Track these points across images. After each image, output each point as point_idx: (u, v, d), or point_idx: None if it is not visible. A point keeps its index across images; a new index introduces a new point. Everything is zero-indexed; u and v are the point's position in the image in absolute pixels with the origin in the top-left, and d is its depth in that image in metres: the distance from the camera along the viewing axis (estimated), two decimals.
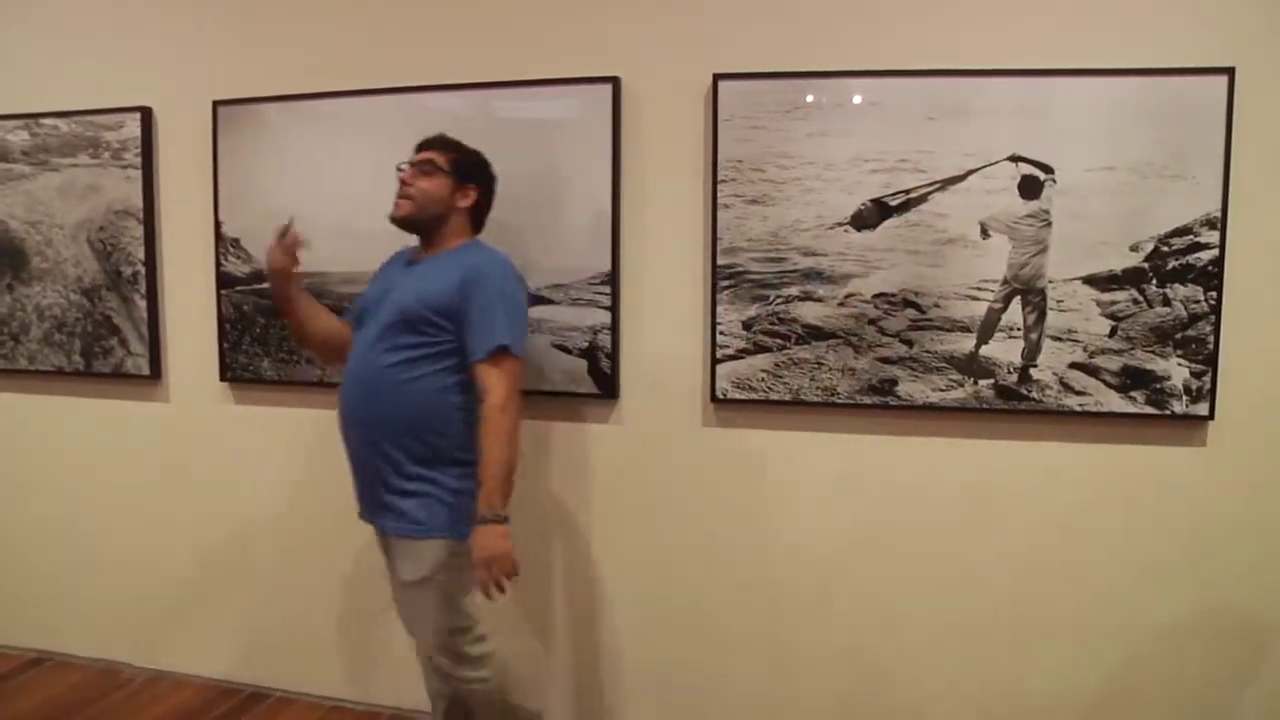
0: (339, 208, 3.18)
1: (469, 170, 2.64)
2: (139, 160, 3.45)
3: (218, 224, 3.36)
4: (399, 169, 2.62)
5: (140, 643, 3.66)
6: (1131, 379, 2.65)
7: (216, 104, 3.33)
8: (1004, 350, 2.71)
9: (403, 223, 2.59)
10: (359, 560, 3.35)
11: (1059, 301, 2.66)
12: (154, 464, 3.59)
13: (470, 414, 2.46)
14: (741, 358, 2.87)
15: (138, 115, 3.44)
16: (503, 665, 2.61)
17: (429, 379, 2.46)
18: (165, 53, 3.43)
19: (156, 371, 3.53)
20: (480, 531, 2.35)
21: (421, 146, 2.65)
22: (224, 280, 3.37)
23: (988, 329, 2.71)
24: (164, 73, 3.43)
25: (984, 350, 2.72)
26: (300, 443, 3.38)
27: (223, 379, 3.43)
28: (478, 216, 2.70)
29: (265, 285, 3.27)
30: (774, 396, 2.86)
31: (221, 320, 3.40)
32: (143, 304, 3.48)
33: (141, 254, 3.48)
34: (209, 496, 3.53)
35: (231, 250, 3.36)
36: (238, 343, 3.38)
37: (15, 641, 3.83)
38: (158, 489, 3.60)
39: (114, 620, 3.69)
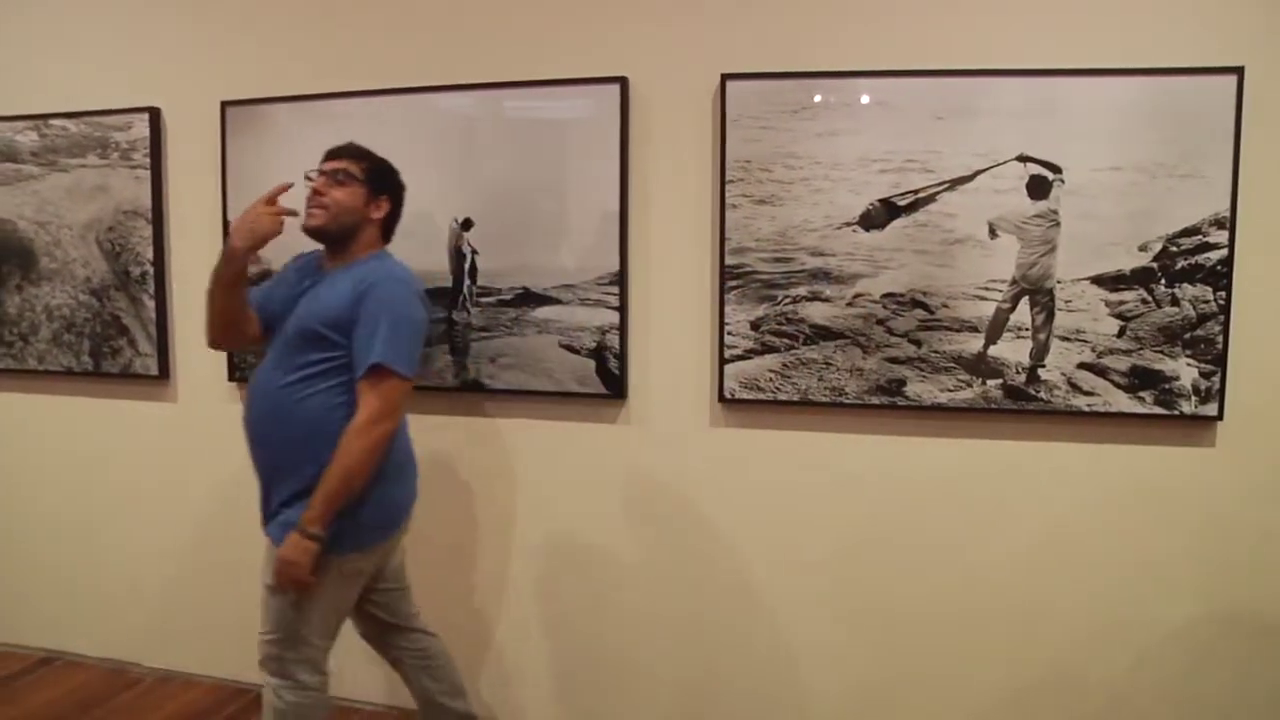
0: None
1: (382, 180, 2.54)
2: (148, 161, 3.45)
3: (226, 224, 3.36)
4: (308, 177, 2.51)
5: (149, 642, 3.66)
6: (1140, 379, 2.65)
7: (225, 104, 3.34)
8: (1012, 350, 2.71)
9: (316, 233, 2.47)
10: None
11: (1067, 301, 2.66)
12: (162, 464, 3.60)
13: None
14: (749, 358, 2.87)
15: (146, 116, 3.45)
16: (308, 709, 2.47)
17: (319, 397, 2.36)
18: (174, 54, 3.44)
19: (165, 372, 3.54)
20: (290, 538, 2.29)
21: (332, 155, 2.52)
22: None
23: (996, 329, 2.71)
24: (172, 73, 3.44)
25: (992, 350, 2.72)
26: None
27: (231, 379, 3.44)
28: (388, 227, 2.60)
29: None
30: (782, 397, 2.86)
31: None
32: (151, 304, 3.49)
33: (150, 254, 3.49)
34: (217, 496, 3.54)
35: None
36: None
37: (25, 640, 3.84)
38: (166, 489, 3.60)
39: (123, 619, 3.70)
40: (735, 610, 3.00)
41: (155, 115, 3.46)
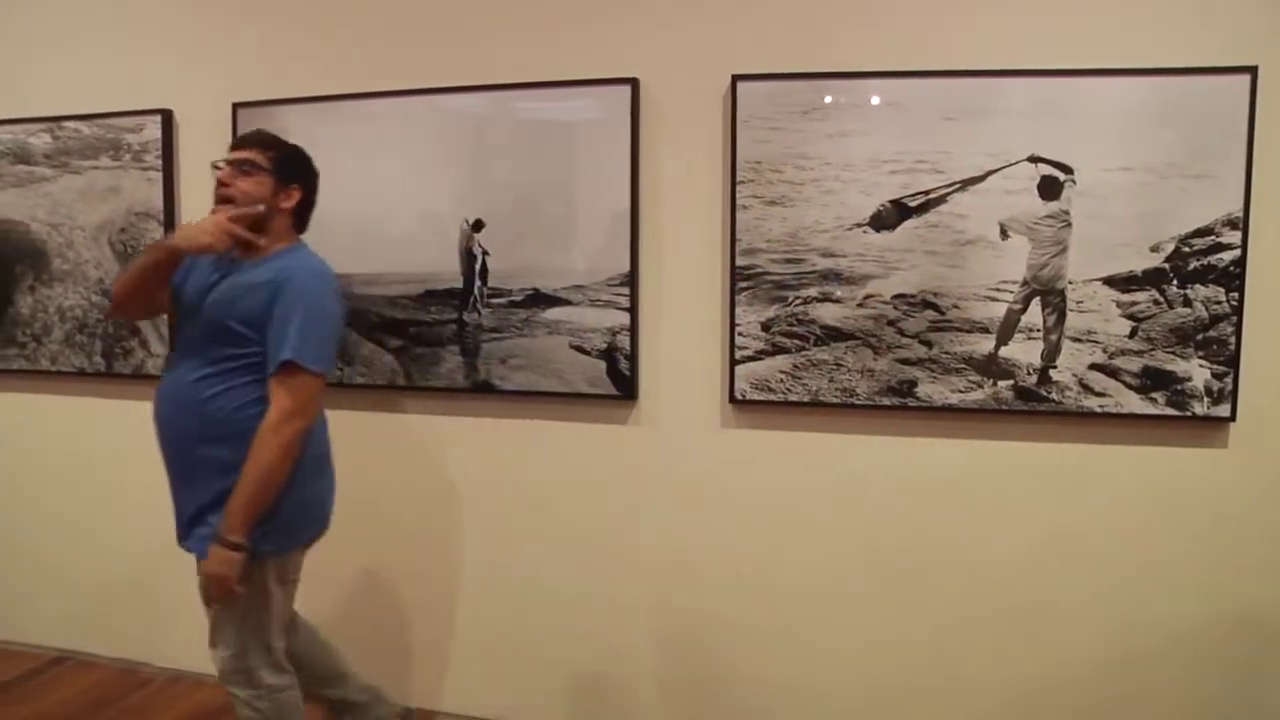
0: (359, 209, 3.19)
1: (292, 168, 2.46)
2: (159, 162, 3.46)
3: None
4: (215, 167, 2.42)
5: (160, 642, 3.67)
6: (1152, 380, 2.64)
7: (236, 106, 3.35)
8: (1023, 351, 2.70)
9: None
10: (380, 559, 3.36)
11: (1079, 302, 2.66)
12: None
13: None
14: (760, 359, 2.87)
15: (158, 118, 3.46)
16: (286, 708, 2.48)
17: (232, 394, 2.31)
18: (185, 56, 3.45)
19: None
20: (212, 552, 2.25)
21: (238, 144, 2.45)
22: None
23: (1007, 330, 2.71)
24: (184, 75, 3.45)
25: (1003, 351, 2.72)
26: None
27: None
28: (301, 216, 2.52)
29: None
30: (793, 398, 2.86)
31: None
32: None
33: None
34: None
35: None
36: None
37: (37, 640, 3.85)
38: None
39: (134, 619, 3.71)
40: (746, 611, 3.00)
41: (167, 117, 3.47)
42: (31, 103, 3.63)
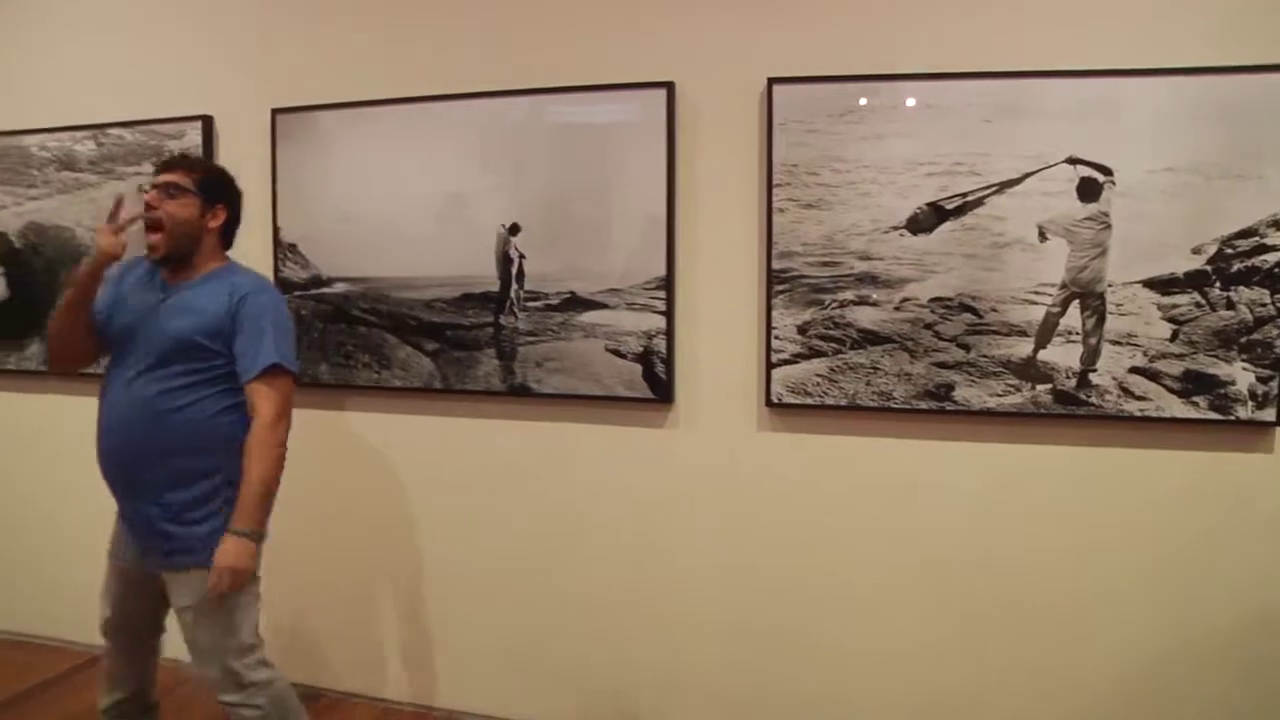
0: (395, 214, 3.22)
1: (216, 189, 2.53)
2: None
3: (276, 230, 3.41)
4: (142, 190, 2.52)
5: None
6: (1194, 384, 2.61)
7: (275, 112, 3.39)
8: (1062, 355, 2.68)
9: (163, 261, 2.49)
10: (414, 562, 3.38)
11: (1118, 305, 2.63)
12: None
13: (241, 437, 2.43)
14: (796, 362, 2.87)
15: (199, 124, 3.51)
16: (282, 697, 2.55)
17: (202, 404, 2.42)
18: (225, 63, 3.50)
19: None
20: (230, 540, 2.36)
21: (163, 167, 2.52)
22: (282, 285, 3.41)
23: (1046, 333, 2.69)
24: (224, 82, 3.50)
25: (1042, 355, 2.70)
26: (357, 446, 3.42)
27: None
28: (227, 235, 2.60)
29: (325, 290, 3.32)
30: (829, 401, 2.85)
31: None
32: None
33: None
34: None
35: (289, 256, 3.40)
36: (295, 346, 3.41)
37: (75, 638, 3.90)
38: None
39: (171, 620, 3.73)
40: (785, 615, 2.99)
41: (208, 123, 3.51)
42: (76, 111, 3.69)
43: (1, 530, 4.03)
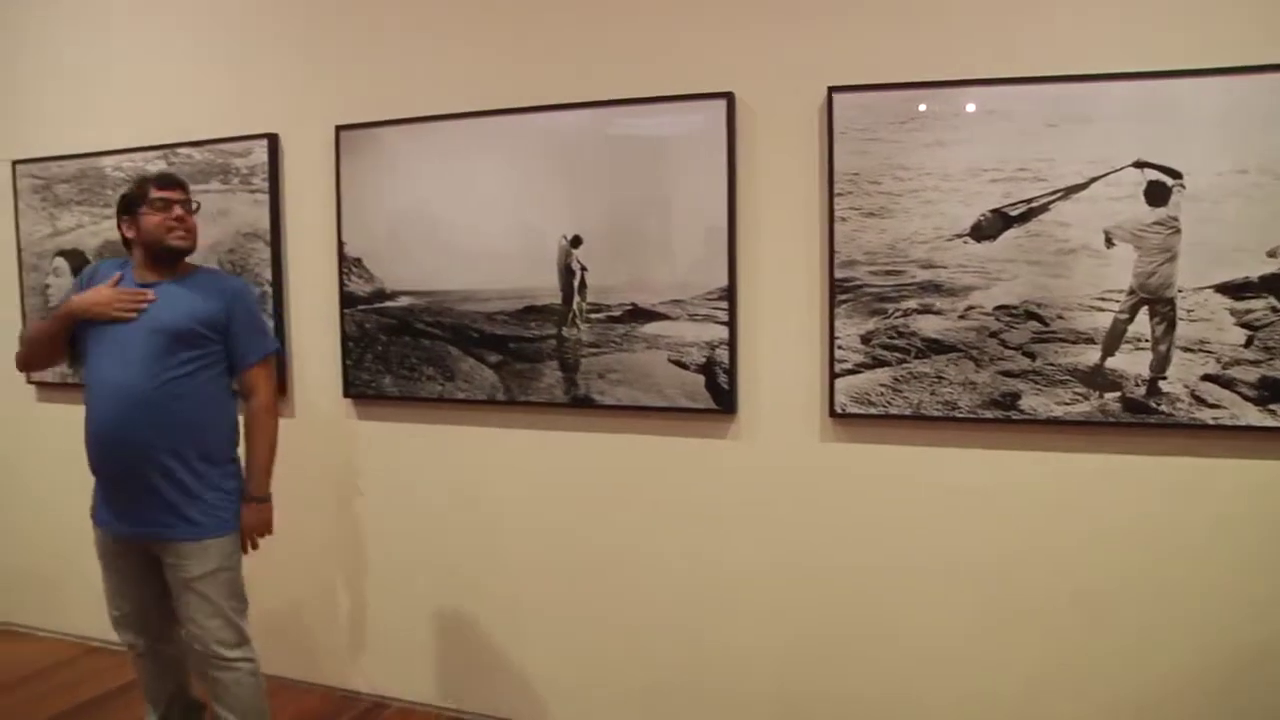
0: (457, 227, 3.26)
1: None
2: (266, 185, 3.58)
3: (340, 245, 3.47)
4: (160, 198, 2.76)
5: (268, 651, 3.74)
6: (1271, 391, 2.55)
7: (339, 129, 3.44)
8: (1131, 362, 2.64)
9: (182, 252, 2.78)
10: (478, 573, 3.41)
11: (1189, 311, 2.59)
12: (278, 476, 3.70)
13: (235, 415, 2.83)
14: (860, 372, 2.85)
15: (265, 142, 3.57)
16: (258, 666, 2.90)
17: (206, 386, 2.74)
18: (290, 82, 3.57)
19: (282, 387, 3.64)
20: (253, 509, 2.81)
21: (177, 184, 2.81)
22: (347, 299, 3.47)
23: (1114, 340, 2.65)
24: (289, 101, 3.57)
25: (1110, 362, 2.66)
26: (420, 456, 3.46)
27: (346, 395, 3.53)
28: None
29: (389, 303, 3.37)
30: (893, 411, 2.83)
31: (345, 338, 3.50)
32: (271, 323, 3.60)
33: (269, 274, 3.61)
34: (332, 509, 3.64)
35: (354, 270, 3.45)
36: (360, 360, 3.47)
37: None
38: (282, 503, 3.71)
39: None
40: (849, 624, 2.98)
41: (273, 141, 3.58)
42: (149, 133, 3.79)
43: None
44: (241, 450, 2.85)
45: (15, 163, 4.12)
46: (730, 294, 2.96)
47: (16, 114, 4.16)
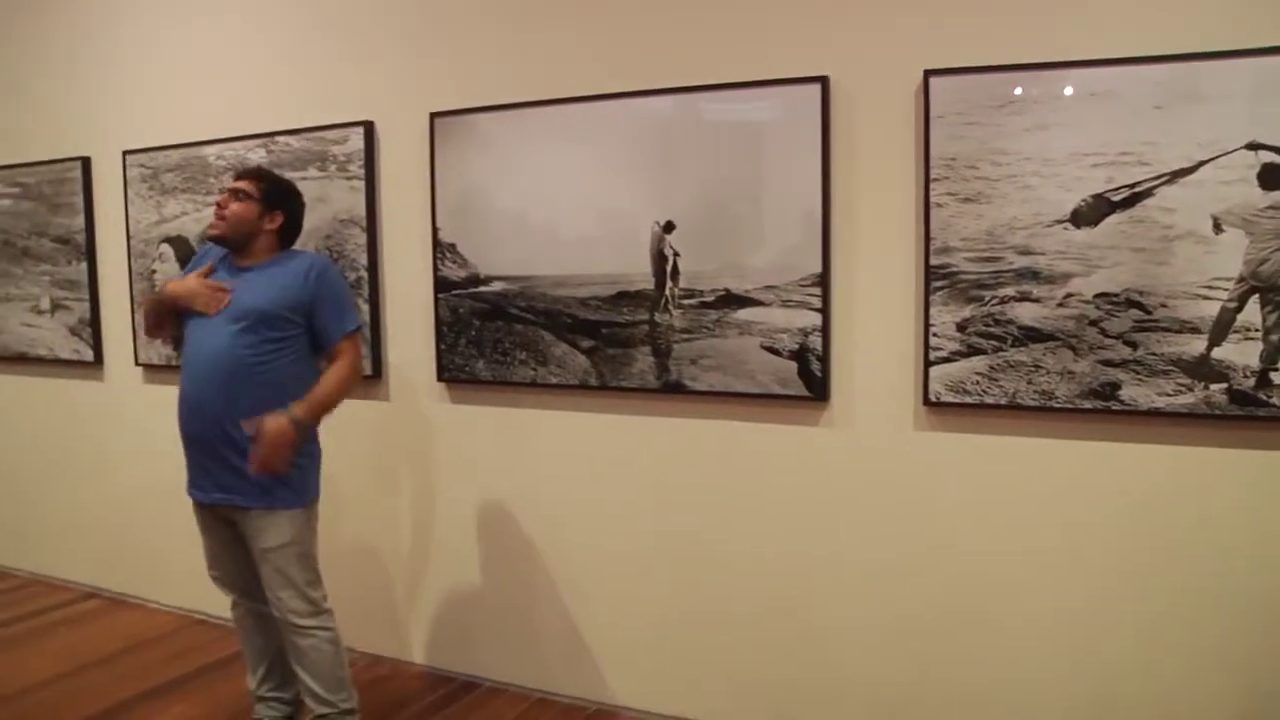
0: (550, 213, 3.29)
1: (277, 198, 2.95)
2: (362, 171, 3.65)
3: (435, 230, 3.52)
4: (221, 190, 2.98)
5: (361, 629, 3.85)
6: None
7: (433, 115, 3.49)
8: (1239, 353, 2.56)
9: (217, 239, 2.93)
10: (567, 556, 3.46)
11: None
12: (374, 459, 3.80)
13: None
14: (955, 360, 2.82)
15: (361, 129, 3.64)
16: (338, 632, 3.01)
17: (290, 366, 2.87)
18: (385, 70, 3.63)
19: (378, 371, 3.72)
20: (280, 417, 2.74)
21: (238, 175, 2.99)
22: (441, 284, 3.53)
23: (1221, 330, 2.57)
24: (384, 89, 3.63)
25: (1216, 353, 2.58)
26: (513, 440, 3.51)
27: (439, 379, 3.60)
28: (288, 235, 3.02)
29: (482, 288, 3.42)
30: (989, 400, 2.79)
31: (439, 322, 3.56)
32: (366, 307, 3.68)
33: (364, 260, 3.68)
34: (424, 491, 3.72)
35: (448, 255, 3.51)
36: (454, 344, 3.52)
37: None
38: (376, 481, 3.80)
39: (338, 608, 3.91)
40: (943, 615, 2.95)
41: (369, 129, 3.64)
42: (249, 121, 3.89)
43: None
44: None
45: (125, 153, 4.26)
46: (824, 280, 2.95)
47: (125, 106, 4.31)
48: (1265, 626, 2.64)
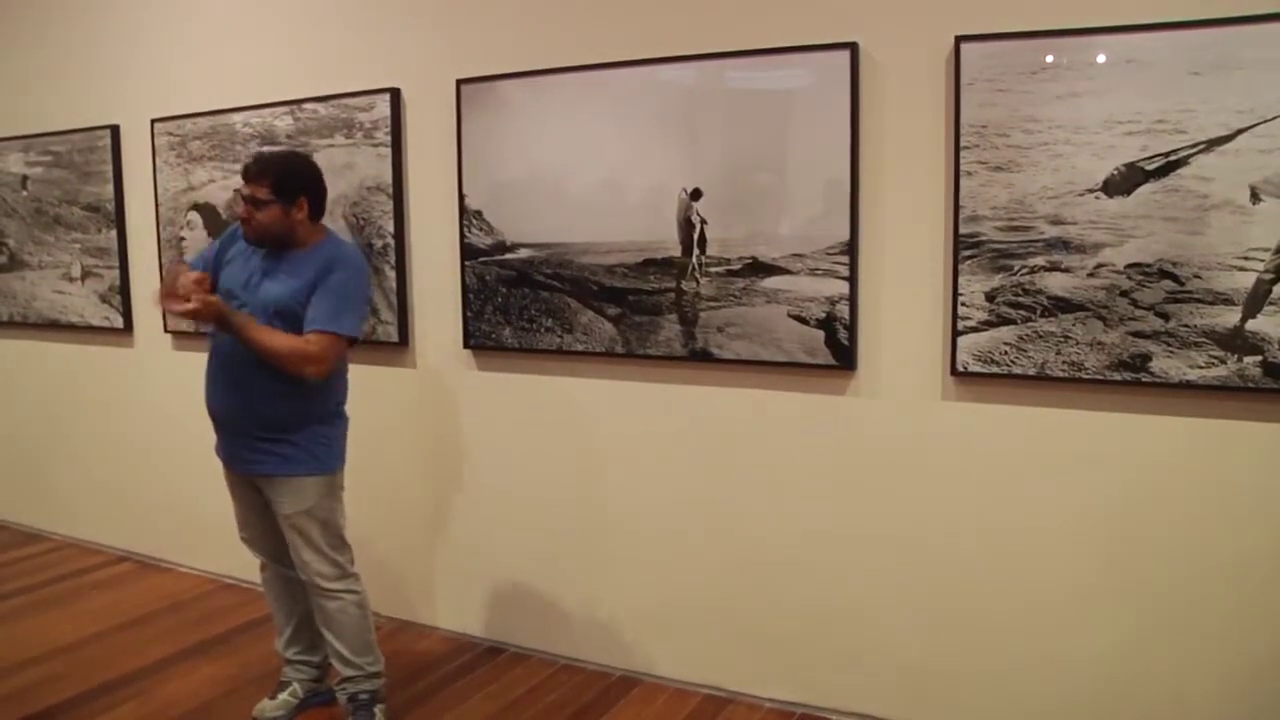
0: (576, 180, 3.28)
1: (291, 187, 2.84)
2: (389, 139, 3.64)
3: (461, 197, 3.52)
4: (238, 191, 2.89)
5: (387, 594, 3.88)
6: None
7: (460, 82, 3.48)
8: (1275, 325, 2.51)
9: (256, 245, 2.89)
10: (594, 523, 3.47)
11: None
12: (401, 425, 3.81)
13: (331, 377, 2.88)
14: (983, 330, 2.79)
15: (387, 96, 3.63)
16: (366, 595, 3.07)
17: None
18: (412, 36, 3.62)
19: (405, 338, 3.73)
20: (212, 298, 2.67)
21: (245, 178, 2.85)
22: (467, 251, 3.53)
23: (1256, 302, 2.53)
24: (411, 55, 3.62)
25: (1250, 325, 2.54)
26: (539, 407, 3.52)
27: (466, 346, 3.60)
28: (315, 210, 2.92)
29: (509, 255, 3.42)
30: (1017, 370, 2.77)
31: (465, 290, 3.56)
32: (393, 274, 3.69)
33: (391, 227, 3.68)
34: (451, 457, 3.74)
35: (474, 222, 3.50)
36: (480, 311, 3.53)
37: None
38: (403, 447, 3.82)
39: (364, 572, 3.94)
40: (971, 585, 2.94)
41: (396, 96, 3.63)
42: (275, 88, 3.89)
43: None
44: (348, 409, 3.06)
45: (154, 121, 4.28)
46: (852, 249, 2.92)
47: (153, 74, 4.32)
48: None
